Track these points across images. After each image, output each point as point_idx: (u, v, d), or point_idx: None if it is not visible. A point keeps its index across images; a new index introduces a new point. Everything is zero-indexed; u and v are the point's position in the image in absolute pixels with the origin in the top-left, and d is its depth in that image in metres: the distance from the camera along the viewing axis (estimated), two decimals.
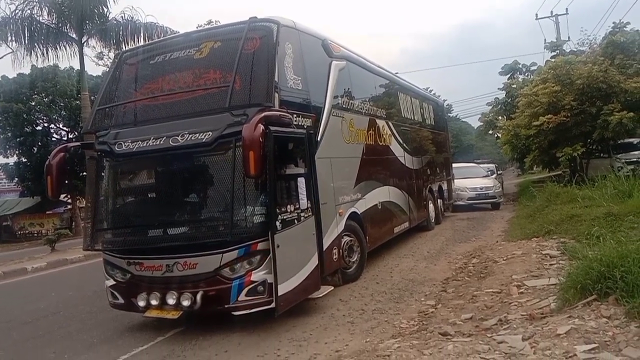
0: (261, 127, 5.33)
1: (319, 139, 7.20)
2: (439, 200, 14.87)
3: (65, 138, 30.34)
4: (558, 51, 22.61)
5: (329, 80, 7.86)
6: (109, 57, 23.40)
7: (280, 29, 6.37)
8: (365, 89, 9.89)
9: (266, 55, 6.17)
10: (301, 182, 6.39)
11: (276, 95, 6.11)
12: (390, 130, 10.71)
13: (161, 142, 5.90)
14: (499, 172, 26.45)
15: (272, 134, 5.56)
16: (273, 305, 5.67)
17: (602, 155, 18.54)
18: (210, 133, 5.69)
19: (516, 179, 41.53)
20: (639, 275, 4.36)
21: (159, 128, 6.07)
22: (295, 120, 6.44)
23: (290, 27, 6.87)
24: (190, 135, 5.77)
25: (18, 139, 28.95)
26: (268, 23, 6.41)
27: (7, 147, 29.73)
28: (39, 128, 30.17)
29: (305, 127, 6.71)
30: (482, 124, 26.45)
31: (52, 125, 30.93)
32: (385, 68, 11.52)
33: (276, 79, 6.14)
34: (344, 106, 8.40)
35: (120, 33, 18.39)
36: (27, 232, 31.78)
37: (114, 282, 6.46)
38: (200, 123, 5.86)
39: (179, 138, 5.81)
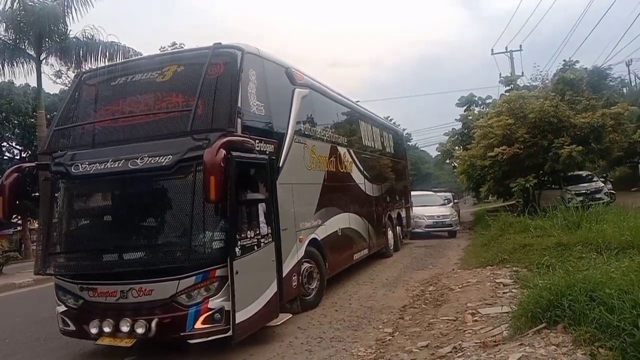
0: (223, 152, 5.32)
1: (280, 164, 7.23)
2: (397, 228, 15.06)
3: (17, 157, 29.29)
4: (512, 85, 23.52)
5: (292, 107, 7.95)
6: (68, 76, 22.99)
7: (244, 56, 6.44)
8: (328, 117, 10.04)
9: (230, 81, 6.21)
10: (262, 207, 6.38)
11: (239, 120, 6.13)
12: (352, 157, 10.86)
13: (120, 165, 5.81)
14: (455, 201, 27.04)
15: (234, 159, 5.55)
16: (230, 333, 5.58)
17: (553, 186, 19.23)
18: (171, 157, 5.64)
19: (472, 207, 42.42)
20: (585, 303, 4.53)
21: (118, 150, 5.98)
22: (258, 146, 6.45)
23: (255, 54, 6.95)
24: (150, 159, 5.70)
25: None
26: (232, 49, 6.47)
27: None
28: None
29: (267, 152, 6.73)
30: (439, 153, 27.04)
31: (5, 143, 29.82)
32: (347, 97, 11.73)
33: (239, 104, 6.17)
34: (306, 133, 8.50)
35: (81, 52, 18.03)
36: None
37: (66, 308, 6.24)
38: (160, 146, 5.80)
39: (138, 161, 5.73)
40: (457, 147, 24.35)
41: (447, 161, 28.31)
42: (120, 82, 6.77)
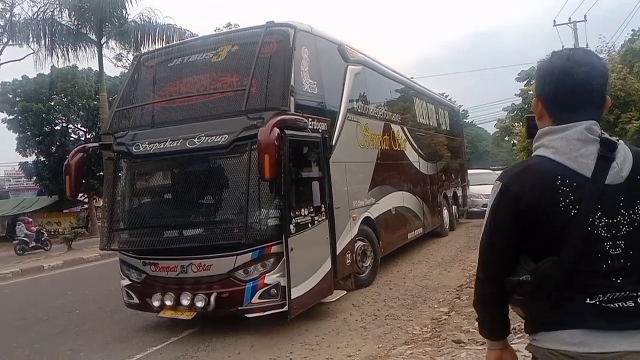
0: (277, 130, 5.36)
1: (333, 143, 7.21)
2: (453, 207, 14.79)
3: (83, 138, 30.76)
4: None
5: (345, 85, 7.88)
6: (128, 59, 23.76)
7: (297, 34, 6.41)
8: (381, 94, 9.90)
9: (283, 60, 6.22)
10: (315, 185, 6.41)
11: (292, 99, 6.14)
12: (405, 135, 10.69)
13: (178, 144, 5.97)
14: None
15: (288, 137, 5.60)
16: (286, 308, 5.69)
17: None
18: (227, 136, 5.74)
19: None
20: None
21: (176, 130, 6.14)
22: (311, 124, 6.46)
23: (307, 31, 6.90)
24: (207, 138, 5.83)
25: (37, 138, 29.39)
26: (285, 27, 6.45)
27: (26, 146, 30.22)
28: (57, 128, 30.64)
29: (320, 131, 6.73)
30: (497, 130, 26.26)
31: (70, 125, 31.40)
32: (401, 73, 11.50)
33: (292, 83, 6.18)
34: (359, 110, 8.42)
35: (139, 35, 18.59)
36: (44, 230, 32.15)
37: (129, 282, 6.53)
38: (216, 126, 5.92)
39: (195, 140, 5.87)
40: (516, 124, 23.55)
41: (506, 138, 27.40)
42: (176, 63, 6.92)
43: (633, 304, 1.48)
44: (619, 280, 1.49)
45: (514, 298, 1.64)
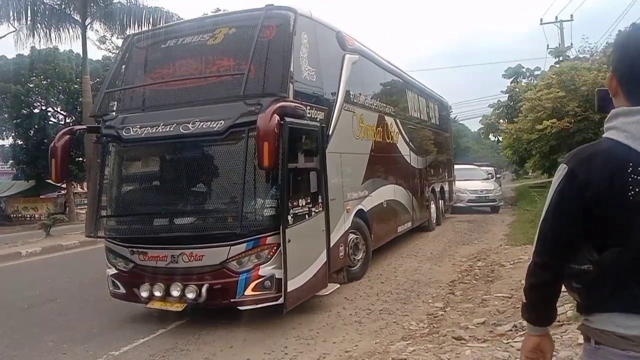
0: (277, 117, 5.15)
1: (330, 132, 7.03)
2: (440, 201, 14.76)
3: (62, 122, 29.98)
4: (562, 57, 22.51)
5: (342, 74, 7.70)
6: (112, 42, 23.20)
7: (297, 18, 6.20)
8: (376, 85, 9.76)
9: (282, 44, 6.02)
10: (313, 176, 6.23)
11: (291, 85, 5.95)
12: (398, 128, 10.57)
13: (171, 129, 5.73)
14: (498, 176, 26.38)
15: (287, 125, 5.40)
16: (281, 301, 5.51)
17: None
18: (223, 122, 5.52)
19: (511, 183, 41.56)
20: None
21: (169, 114, 5.90)
22: (309, 113, 6.27)
23: (307, 16, 6.69)
24: (202, 124, 5.60)
25: (15, 121, 28.45)
26: (285, 11, 6.24)
27: (3, 128, 29.40)
28: (36, 111, 29.71)
29: (318, 120, 6.54)
30: (482, 126, 26.32)
31: (50, 109, 30.52)
32: (395, 64, 11.35)
33: (291, 69, 5.98)
34: (355, 101, 8.24)
35: (124, 17, 18.07)
36: (20, 215, 31.42)
37: (116, 271, 6.28)
38: (212, 111, 5.70)
39: (189, 126, 5.64)
40: (502, 120, 23.62)
41: (491, 135, 27.47)
42: (170, 44, 6.65)
43: None
44: None
45: (573, 286, 1.62)
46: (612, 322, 1.50)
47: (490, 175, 21.78)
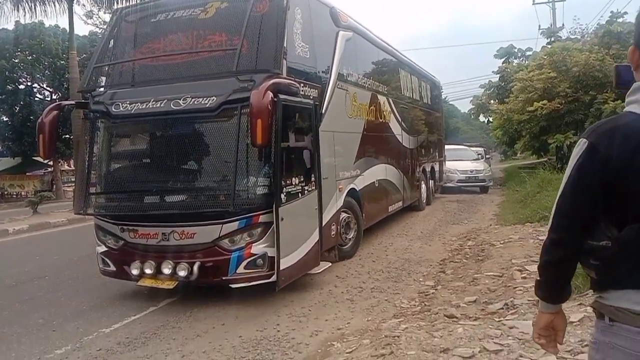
0: (270, 94, 5.07)
1: (323, 111, 6.96)
2: (430, 181, 14.77)
3: (48, 98, 29.44)
4: (553, 38, 22.42)
5: (335, 51, 7.60)
6: (99, 17, 22.68)
7: None
8: (369, 63, 9.66)
9: (276, 19, 5.88)
10: (306, 154, 6.19)
11: (284, 62, 5.85)
12: (390, 107, 10.50)
13: (162, 105, 5.62)
14: (487, 156, 26.49)
15: (281, 102, 5.31)
16: (273, 279, 5.50)
17: None
18: (215, 98, 5.42)
19: (499, 164, 41.80)
20: None
21: (160, 90, 5.77)
22: (302, 90, 6.17)
23: None
24: (193, 100, 5.50)
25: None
26: None
27: None
28: (21, 87, 29.09)
29: (311, 97, 6.45)
30: (473, 106, 26.17)
31: (35, 85, 29.93)
32: (388, 42, 11.22)
33: (285, 45, 5.87)
34: (349, 79, 8.15)
35: None
36: (6, 193, 31.01)
37: (106, 249, 6.22)
38: (203, 87, 5.59)
39: (180, 102, 5.53)
40: (492, 101, 23.57)
41: (481, 116, 27.40)
42: (160, 18, 6.48)
43: None
44: None
45: (590, 262, 1.59)
46: (628, 299, 1.49)
47: (480, 155, 21.88)
